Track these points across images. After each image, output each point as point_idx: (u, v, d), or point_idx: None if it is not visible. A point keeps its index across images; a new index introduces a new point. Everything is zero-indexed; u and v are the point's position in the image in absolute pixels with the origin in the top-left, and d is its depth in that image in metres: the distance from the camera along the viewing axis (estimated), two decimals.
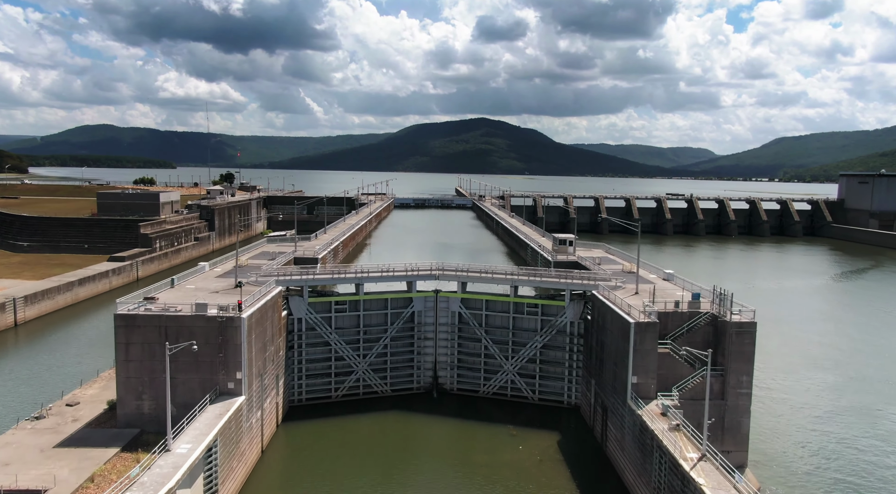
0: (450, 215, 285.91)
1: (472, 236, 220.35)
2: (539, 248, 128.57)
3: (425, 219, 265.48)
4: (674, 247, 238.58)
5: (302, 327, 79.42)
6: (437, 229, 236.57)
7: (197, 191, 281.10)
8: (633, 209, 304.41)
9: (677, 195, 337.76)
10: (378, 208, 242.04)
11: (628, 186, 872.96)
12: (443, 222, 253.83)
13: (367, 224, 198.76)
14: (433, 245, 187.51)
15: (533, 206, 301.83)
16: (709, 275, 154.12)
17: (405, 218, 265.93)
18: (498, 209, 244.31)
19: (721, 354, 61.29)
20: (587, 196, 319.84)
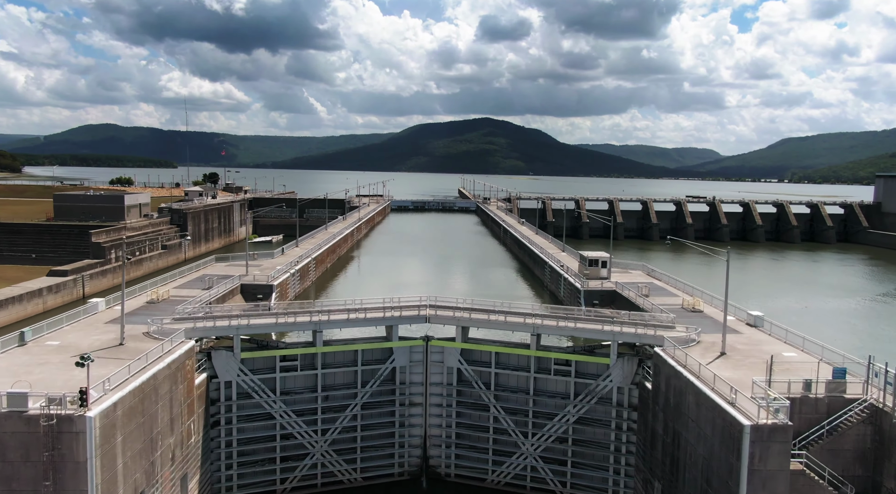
0: (451, 219, 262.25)
1: (476, 246, 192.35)
2: (562, 268, 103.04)
3: (424, 224, 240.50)
4: (695, 255, 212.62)
5: (231, 394, 54.71)
6: (437, 236, 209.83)
7: (178, 192, 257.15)
8: (650, 213, 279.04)
9: (698, 198, 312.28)
10: (371, 212, 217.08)
11: (637, 187, 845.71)
12: (443, 228, 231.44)
13: (354, 232, 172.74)
14: (430, 259, 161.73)
15: (542, 209, 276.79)
16: (754, 293, 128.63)
17: (402, 223, 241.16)
18: (505, 214, 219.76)
19: (888, 473, 36.26)
20: (600, 199, 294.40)
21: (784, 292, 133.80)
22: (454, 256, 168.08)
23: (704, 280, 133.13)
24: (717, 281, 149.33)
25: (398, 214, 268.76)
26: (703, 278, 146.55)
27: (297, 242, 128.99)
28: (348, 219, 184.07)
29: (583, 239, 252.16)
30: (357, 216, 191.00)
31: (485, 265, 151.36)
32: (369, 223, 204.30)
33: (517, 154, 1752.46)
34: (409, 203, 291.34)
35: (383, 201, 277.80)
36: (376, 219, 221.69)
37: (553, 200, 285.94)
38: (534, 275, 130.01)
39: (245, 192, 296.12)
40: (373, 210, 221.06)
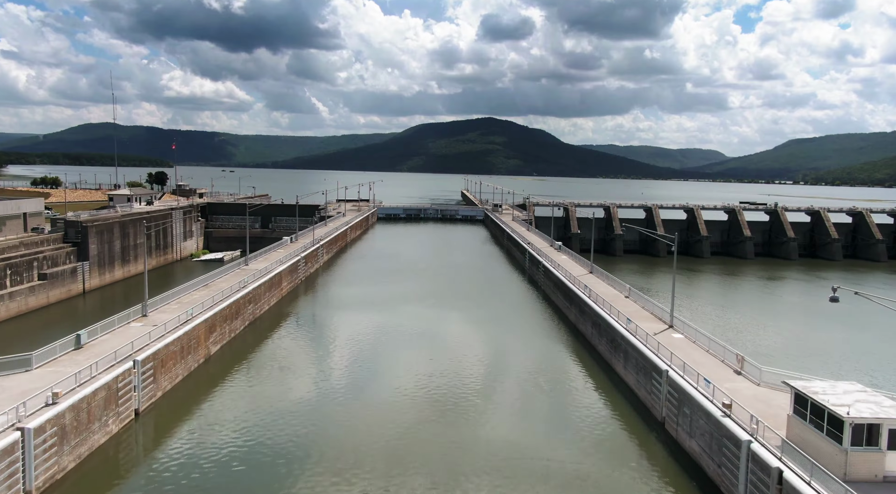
0: (453, 232, 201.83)
1: (491, 290, 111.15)
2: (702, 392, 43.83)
3: (416, 241, 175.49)
4: (757, 276, 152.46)
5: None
6: (433, 262, 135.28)
7: (100, 195, 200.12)
8: (698, 223, 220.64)
9: (756, 205, 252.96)
10: (345, 225, 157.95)
11: (651, 189, 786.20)
12: (441, 248, 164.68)
13: (303, 263, 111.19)
14: (420, 315, 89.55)
15: (564, 217, 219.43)
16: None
17: (388, 239, 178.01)
18: (524, 229, 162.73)
19: None
20: (636, 205, 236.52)
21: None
22: (458, 305, 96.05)
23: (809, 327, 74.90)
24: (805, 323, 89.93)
25: (386, 225, 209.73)
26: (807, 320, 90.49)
27: (176, 294, 70.30)
28: (299, 241, 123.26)
29: (615, 255, 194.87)
30: (321, 234, 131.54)
31: (514, 334, 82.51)
32: (339, 242, 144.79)
33: (520, 154, 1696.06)
34: (401, 211, 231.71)
35: (368, 207, 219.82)
36: (353, 234, 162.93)
37: (578, 206, 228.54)
38: (617, 377, 67.18)
39: (201, 195, 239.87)
40: (349, 222, 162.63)
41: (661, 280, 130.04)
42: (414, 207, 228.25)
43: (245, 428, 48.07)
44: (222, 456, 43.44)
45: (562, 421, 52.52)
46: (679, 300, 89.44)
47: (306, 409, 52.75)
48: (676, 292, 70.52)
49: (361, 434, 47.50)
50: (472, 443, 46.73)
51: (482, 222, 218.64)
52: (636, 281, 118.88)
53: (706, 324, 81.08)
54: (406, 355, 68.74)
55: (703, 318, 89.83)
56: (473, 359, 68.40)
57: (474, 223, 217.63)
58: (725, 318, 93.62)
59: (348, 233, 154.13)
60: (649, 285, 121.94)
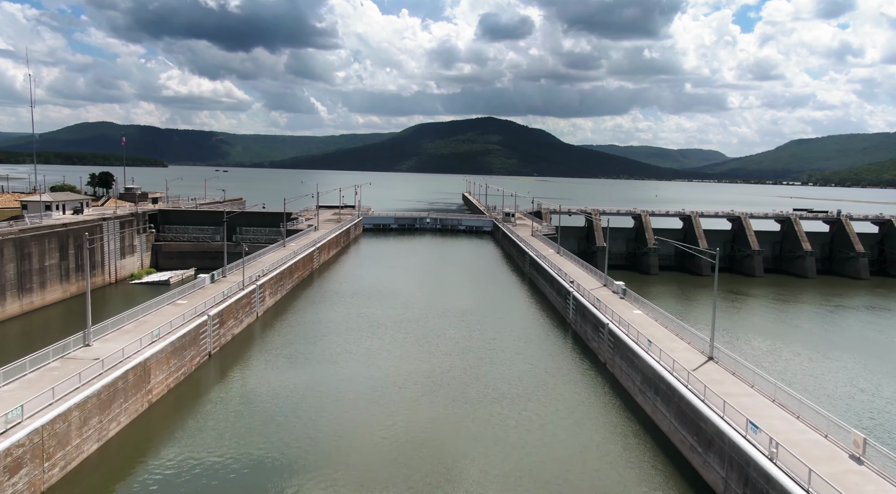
0: (456, 250, 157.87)
1: (525, 362, 67.65)
2: None
3: (408, 267, 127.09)
4: (822, 300, 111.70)
5: None
6: (428, 311, 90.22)
7: (10, 199, 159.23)
8: (747, 234, 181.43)
9: (813, 212, 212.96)
10: (311, 246, 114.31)
11: (660, 190, 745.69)
12: (443, 276, 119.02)
13: (211, 327, 66.99)
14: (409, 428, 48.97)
15: (586, 227, 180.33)
16: None
17: (371, 264, 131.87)
18: (550, 249, 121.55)
19: None
20: (671, 213, 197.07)
21: None
22: (484, 416, 51.95)
23: None
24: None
25: (373, 239, 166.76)
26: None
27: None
28: (230, 277, 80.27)
29: (648, 273, 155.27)
30: (257, 270, 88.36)
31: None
32: (296, 273, 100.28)
33: (520, 154, 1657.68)
34: (392, 221, 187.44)
35: (352, 216, 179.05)
36: (322, 258, 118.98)
37: (603, 215, 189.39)
38: None
39: (154, 200, 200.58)
40: (314, 243, 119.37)
41: (705, 305, 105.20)
42: (408, 216, 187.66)
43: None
44: None
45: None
46: (733, 332, 76.37)
47: None
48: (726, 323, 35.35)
49: None
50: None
51: (490, 235, 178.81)
52: (675, 307, 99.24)
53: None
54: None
55: (763, 359, 67.18)
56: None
57: (481, 236, 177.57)
58: (801, 363, 69.68)
59: (315, 257, 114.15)
60: (690, 310, 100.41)
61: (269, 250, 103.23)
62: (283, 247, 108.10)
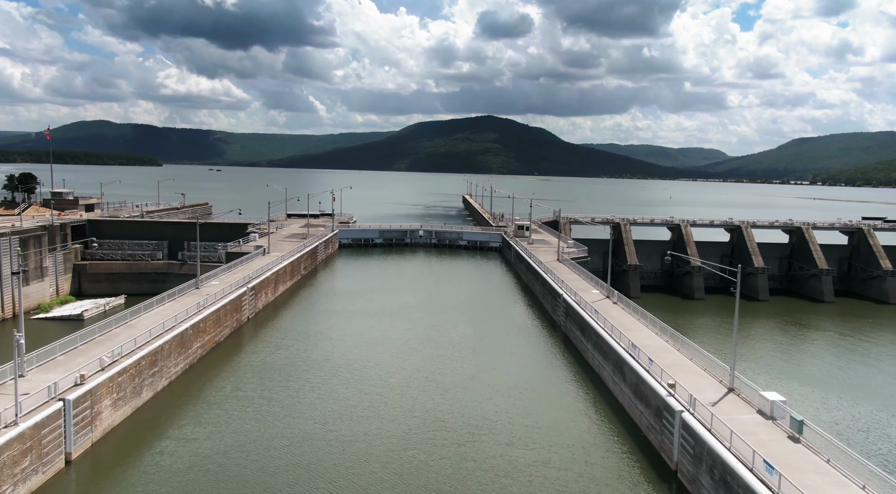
0: (454, 278, 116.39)
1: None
2: None
3: (392, 311, 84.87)
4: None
5: None
6: (412, 430, 47.42)
7: None
8: (811, 249, 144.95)
9: (890, 222, 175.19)
10: (242, 285, 74.70)
11: (668, 190, 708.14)
12: (438, 334, 74.67)
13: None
14: None
15: (613, 239, 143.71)
16: None
17: (337, 308, 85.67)
18: (598, 292, 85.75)
19: None
20: (716, 223, 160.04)
21: None
22: None
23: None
24: None
25: (351, 259, 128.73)
26: None
27: None
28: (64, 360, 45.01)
29: (692, 297, 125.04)
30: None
31: None
32: (202, 336, 65.47)
33: (521, 154, 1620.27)
34: (376, 235, 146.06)
35: (326, 228, 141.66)
36: (265, 298, 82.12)
37: (633, 225, 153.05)
38: None
39: (90, 208, 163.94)
40: (245, 281, 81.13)
41: (764, 339, 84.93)
42: (396, 228, 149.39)
43: None
44: None
45: None
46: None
47: None
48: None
49: None
50: None
51: (498, 253, 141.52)
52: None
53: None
54: None
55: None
56: None
57: (486, 255, 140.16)
58: None
59: (246, 302, 75.50)
60: (751, 350, 75.86)
61: (173, 295, 66.60)
62: (196, 291, 71.37)
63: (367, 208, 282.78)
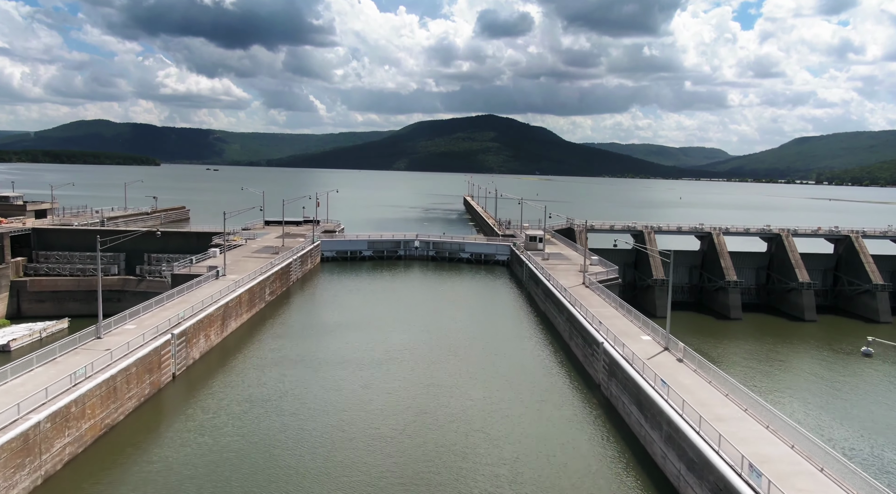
0: (456, 302, 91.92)
1: None
2: None
3: (361, 364, 61.68)
4: None
5: None
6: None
7: None
8: (862, 261, 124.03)
9: None
10: (156, 339, 60.24)
11: (674, 190, 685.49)
12: (432, 391, 55.17)
13: None
14: None
15: (635, 250, 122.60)
16: None
17: (297, 361, 61.69)
18: (630, 320, 66.81)
19: None
20: (751, 231, 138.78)
21: None
22: None
23: None
24: None
25: (334, 276, 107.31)
26: None
27: None
28: None
29: (728, 316, 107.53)
30: None
31: None
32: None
33: (522, 153, 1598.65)
34: (365, 246, 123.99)
35: (302, 240, 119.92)
36: (183, 358, 62.61)
37: (658, 233, 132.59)
38: None
39: (41, 213, 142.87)
40: (172, 325, 60.14)
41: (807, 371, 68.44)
42: (387, 239, 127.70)
43: None
44: None
45: None
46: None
47: None
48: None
49: None
50: None
51: (506, 268, 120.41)
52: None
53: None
54: None
55: None
56: None
57: (493, 271, 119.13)
58: None
59: (167, 357, 54.69)
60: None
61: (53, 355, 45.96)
62: (97, 340, 50.60)
63: (361, 211, 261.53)
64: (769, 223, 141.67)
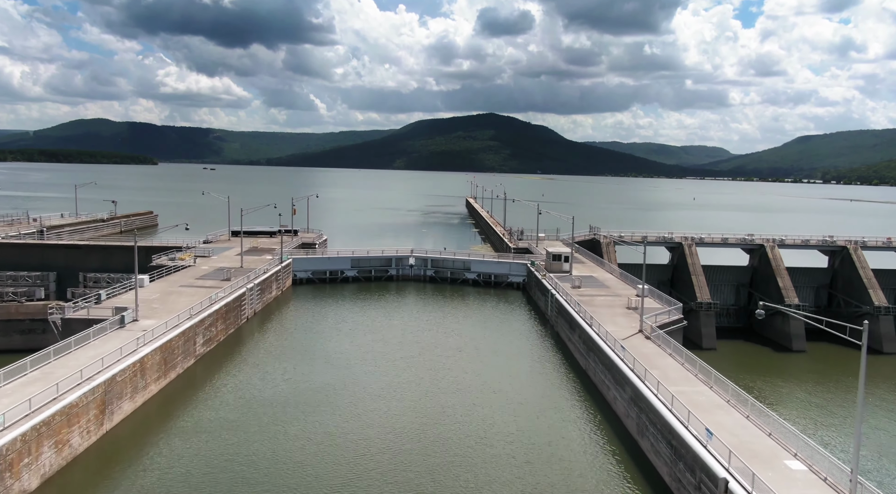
0: (464, 350, 66.43)
1: None
2: None
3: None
4: None
5: None
6: None
7: None
8: None
9: None
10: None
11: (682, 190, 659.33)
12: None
13: None
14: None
15: (671, 265, 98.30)
16: None
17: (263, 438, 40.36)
18: (715, 388, 45.72)
19: None
20: (810, 243, 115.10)
21: None
22: None
23: None
24: None
25: (306, 305, 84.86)
26: None
27: None
28: None
29: (790, 348, 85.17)
30: None
31: None
32: None
33: (523, 152, 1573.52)
34: (348, 265, 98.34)
35: (270, 257, 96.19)
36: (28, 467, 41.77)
37: (700, 245, 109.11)
38: None
39: None
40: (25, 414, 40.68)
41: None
42: (375, 256, 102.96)
43: None
44: None
45: None
46: None
47: None
48: None
49: None
50: None
51: (522, 291, 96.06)
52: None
53: None
54: None
55: None
56: None
57: (505, 296, 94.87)
58: None
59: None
60: None
61: None
62: None
63: (352, 215, 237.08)
64: (831, 234, 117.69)
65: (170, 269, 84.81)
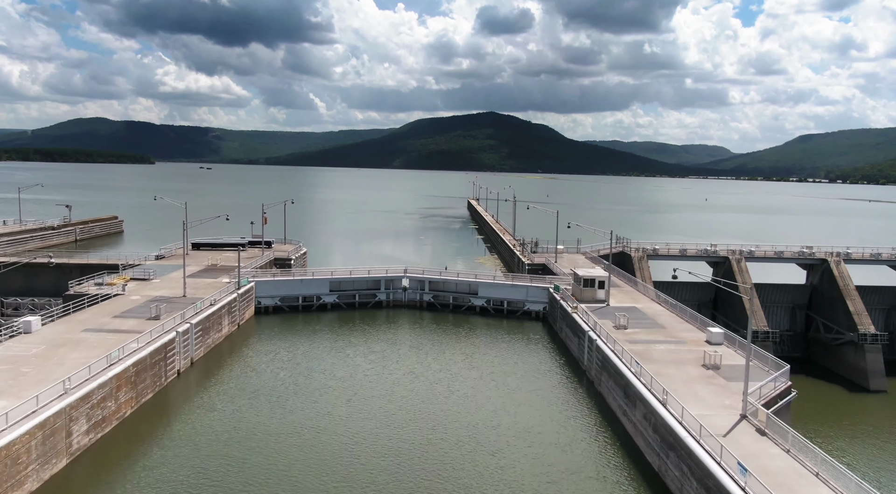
0: (473, 422, 48.07)
1: None
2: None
3: None
4: None
5: None
6: None
7: None
8: None
9: None
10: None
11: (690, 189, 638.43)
12: None
13: None
14: None
15: (718, 296, 79.05)
16: None
17: None
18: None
19: None
20: (885, 258, 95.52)
21: None
22: None
23: None
24: None
25: (269, 346, 64.42)
26: None
27: None
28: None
29: (866, 387, 67.53)
30: None
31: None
32: None
33: (523, 151, 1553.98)
34: (326, 288, 76.19)
35: (226, 283, 75.85)
36: None
37: (750, 260, 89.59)
38: None
39: None
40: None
41: None
42: (362, 275, 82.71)
43: None
44: None
45: None
46: None
47: None
48: None
49: None
50: None
51: (542, 323, 75.80)
52: None
53: None
54: None
55: None
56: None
57: (522, 329, 74.94)
58: None
59: None
60: None
61: None
62: None
63: (342, 221, 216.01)
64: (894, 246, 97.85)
65: (90, 299, 64.68)
